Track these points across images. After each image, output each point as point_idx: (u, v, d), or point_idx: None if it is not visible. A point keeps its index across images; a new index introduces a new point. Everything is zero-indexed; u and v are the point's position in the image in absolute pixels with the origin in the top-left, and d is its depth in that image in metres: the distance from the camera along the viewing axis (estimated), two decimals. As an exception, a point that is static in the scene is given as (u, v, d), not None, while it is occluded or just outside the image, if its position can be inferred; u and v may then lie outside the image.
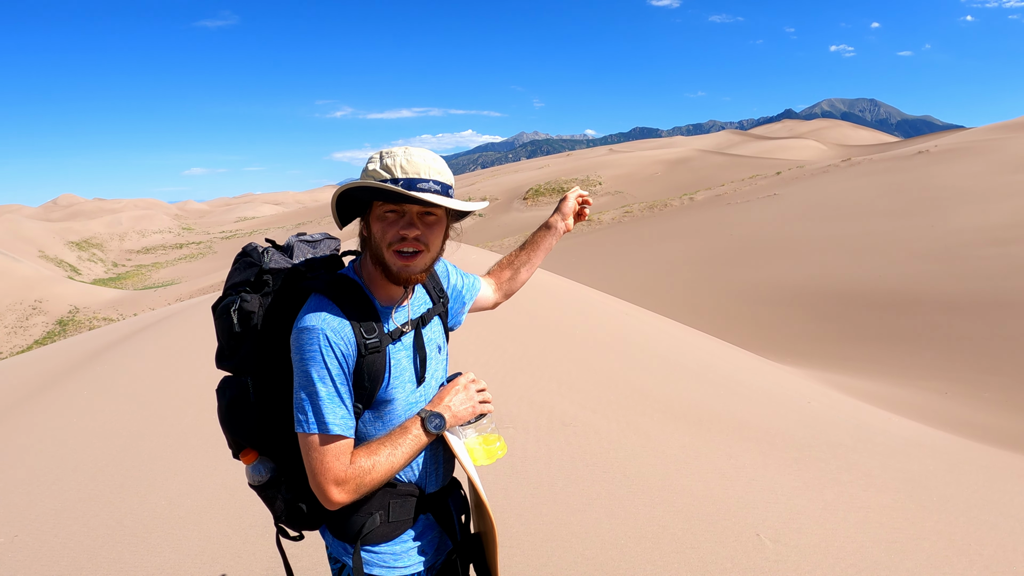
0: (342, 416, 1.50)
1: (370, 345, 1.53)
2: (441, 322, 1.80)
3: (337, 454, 1.49)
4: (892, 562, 3.13)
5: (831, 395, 7.35)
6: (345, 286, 1.58)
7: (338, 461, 1.49)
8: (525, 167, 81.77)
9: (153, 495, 3.99)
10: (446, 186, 1.54)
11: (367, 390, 1.55)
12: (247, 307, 1.58)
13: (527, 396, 4.81)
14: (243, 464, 1.67)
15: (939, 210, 17.83)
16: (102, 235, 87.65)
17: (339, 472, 1.49)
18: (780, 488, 3.85)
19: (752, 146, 77.83)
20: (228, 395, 1.64)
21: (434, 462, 1.72)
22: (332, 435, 1.49)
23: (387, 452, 1.54)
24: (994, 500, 4.20)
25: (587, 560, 3.09)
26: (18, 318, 40.19)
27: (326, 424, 1.48)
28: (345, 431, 1.51)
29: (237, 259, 1.69)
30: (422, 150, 1.55)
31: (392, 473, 1.56)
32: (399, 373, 1.61)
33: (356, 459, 1.52)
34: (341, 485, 1.49)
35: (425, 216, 1.55)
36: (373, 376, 1.55)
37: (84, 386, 6.50)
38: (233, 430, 1.65)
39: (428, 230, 1.56)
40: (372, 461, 1.52)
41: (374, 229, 1.55)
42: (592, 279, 15.15)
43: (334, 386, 1.49)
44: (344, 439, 1.51)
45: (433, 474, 1.73)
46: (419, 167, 1.50)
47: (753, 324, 13.13)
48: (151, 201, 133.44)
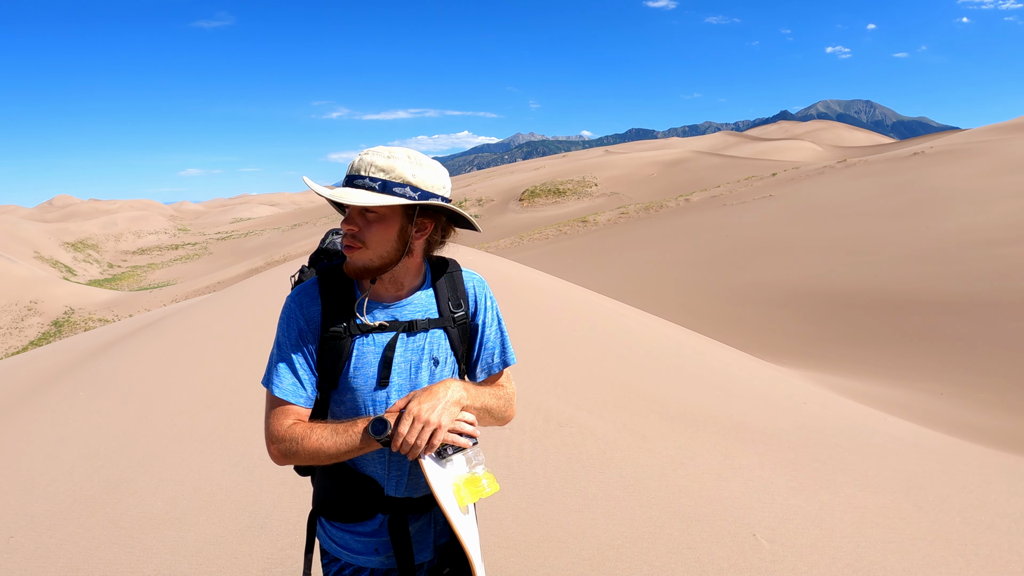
0: (291, 383, 1.62)
1: (332, 331, 1.63)
2: (449, 336, 1.73)
3: (279, 414, 1.62)
4: (888, 562, 3.14)
5: (827, 396, 7.37)
6: (335, 273, 1.69)
7: (278, 421, 1.61)
8: (521, 168, 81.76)
9: (149, 496, 3.98)
10: (388, 183, 1.55)
11: (329, 371, 1.64)
12: (302, 277, 1.81)
13: (523, 397, 4.81)
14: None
15: (934, 211, 17.89)
16: (98, 236, 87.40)
17: (276, 430, 1.61)
18: (776, 488, 3.86)
19: (748, 147, 77.93)
20: None
21: (397, 468, 1.67)
22: (276, 397, 1.63)
23: (323, 434, 1.57)
24: (990, 500, 4.21)
25: (584, 560, 3.09)
26: (13, 319, 40.05)
27: (273, 386, 1.63)
28: (290, 397, 1.62)
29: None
30: (388, 148, 1.59)
31: (319, 454, 1.56)
32: (361, 366, 1.64)
33: (295, 426, 1.60)
34: (274, 443, 1.60)
35: (366, 213, 1.59)
36: (334, 359, 1.64)
37: (80, 387, 6.48)
38: None
39: (368, 226, 1.59)
40: (304, 433, 1.58)
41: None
42: (588, 280, 15.16)
43: (289, 356, 1.63)
44: (289, 404, 1.62)
45: (395, 479, 1.67)
46: (364, 163, 1.57)
47: (749, 325, 13.15)
48: (147, 202, 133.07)
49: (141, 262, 78.95)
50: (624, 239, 25.37)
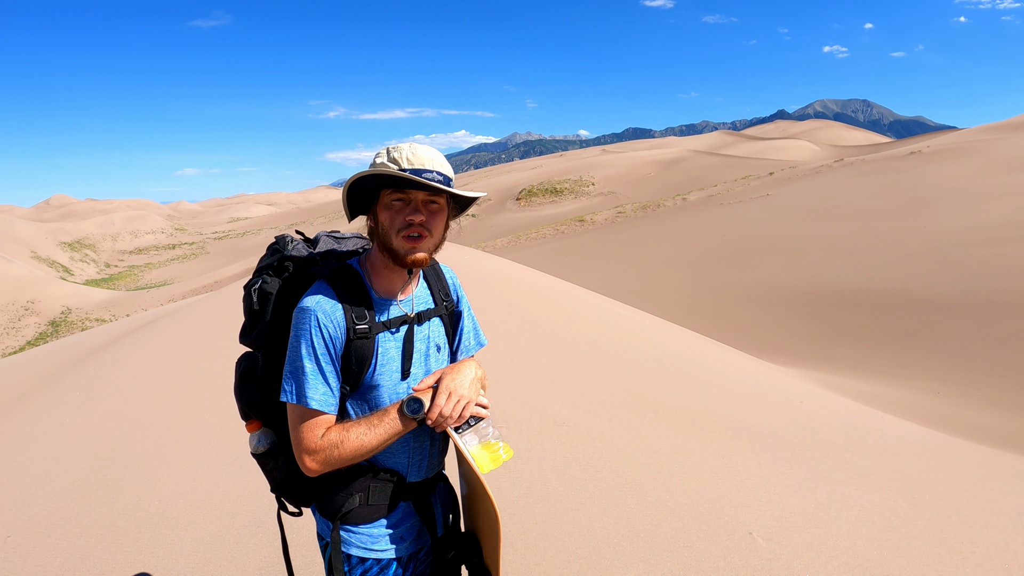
0: (323, 393, 1.62)
1: (359, 330, 1.64)
2: (443, 324, 1.85)
3: (313, 426, 1.62)
4: (884, 560, 3.15)
5: (823, 395, 7.38)
6: (345, 274, 1.70)
7: (312, 432, 1.62)
8: (518, 167, 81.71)
9: (146, 495, 3.98)
10: (448, 178, 1.65)
11: (354, 373, 1.66)
12: (266, 288, 1.74)
13: (520, 396, 4.81)
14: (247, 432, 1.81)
15: (931, 210, 17.92)
16: (94, 236, 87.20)
17: (311, 443, 1.61)
18: (773, 487, 3.87)
19: (745, 147, 77.95)
20: (241, 368, 1.80)
21: (419, 452, 1.77)
22: (310, 409, 1.61)
23: (359, 431, 1.62)
24: (986, 499, 4.22)
25: (580, 559, 3.09)
26: (10, 319, 39.96)
27: (306, 398, 1.61)
28: (323, 407, 1.62)
29: (269, 247, 1.86)
30: (425, 146, 1.65)
31: (361, 451, 1.63)
32: (386, 362, 1.70)
33: (329, 433, 1.62)
34: (312, 455, 1.61)
35: (429, 204, 1.66)
36: (360, 360, 1.66)
37: (77, 387, 6.47)
38: (241, 400, 1.81)
39: (432, 217, 1.66)
40: (341, 437, 1.61)
41: (382, 218, 1.66)
42: (585, 279, 15.16)
43: (318, 364, 1.62)
44: (322, 414, 1.63)
45: (416, 464, 1.78)
46: (423, 159, 1.62)
47: (746, 324, 13.16)
48: (144, 201, 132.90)
49: (138, 262, 78.81)
50: (621, 238, 25.37)
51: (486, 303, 6.86)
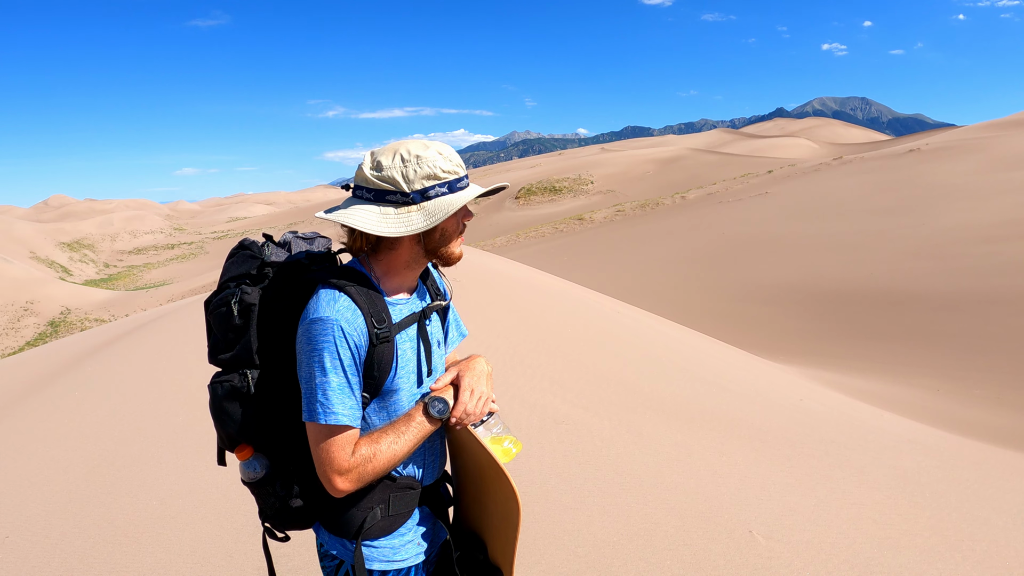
0: (351, 407, 1.52)
1: (381, 335, 1.55)
2: (440, 319, 1.82)
3: (343, 444, 1.51)
4: (884, 558, 3.15)
5: (823, 392, 7.37)
6: (356, 278, 1.58)
7: (343, 451, 1.51)
8: (517, 166, 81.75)
9: (144, 495, 3.97)
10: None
11: (375, 380, 1.57)
12: (248, 299, 1.57)
13: (519, 394, 4.80)
14: (237, 460, 1.64)
15: (930, 208, 17.93)
16: (93, 236, 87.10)
17: (343, 462, 1.50)
18: (773, 485, 3.86)
19: (744, 145, 77.96)
20: (224, 389, 1.60)
21: (431, 454, 1.74)
22: (340, 425, 1.50)
23: (389, 441, 1.55)
24: (986, 496, 4.22)
25: (579, 558, 3.09)
26: (9, 319, 39.92)
27: (335, 414, 1.49)
28: (352, 421, 1.52)
29: (234, 252, 1.68)
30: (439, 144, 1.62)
31: (394, 461, 1.56)
32: (405, 363, 1.63)
33: (358, 448, 1.53)
34: (344, 474, 1.51)
35: None
36: (382, 366, 1.57)
37: (75, 387, 6.46)
38: (226, 425, 1.61)
39: None
40: (373, 450, 1.53)
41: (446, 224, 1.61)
42: (584, 278, 15.16)
43: (345, 376, 1.51)
44: (351, 429, 1.53)
45: (431, 466, 1.75)
46: (459, 165, 1.62)
47: (745, 322, 13.17)
48: (142, 201, 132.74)
49: (137, 262, 78.73)
50: (620, 237, 25.37)
51: (485, 302, 6.86)
